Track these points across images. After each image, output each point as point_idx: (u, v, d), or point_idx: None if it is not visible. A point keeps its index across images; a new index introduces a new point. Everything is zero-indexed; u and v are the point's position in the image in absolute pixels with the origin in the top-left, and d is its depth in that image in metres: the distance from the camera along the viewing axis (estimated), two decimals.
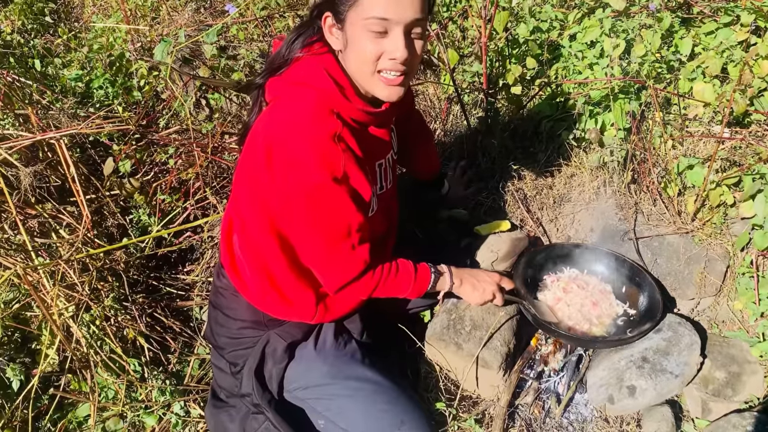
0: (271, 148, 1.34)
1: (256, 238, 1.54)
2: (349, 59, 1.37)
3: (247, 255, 1.60)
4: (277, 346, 1.66)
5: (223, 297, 1.73)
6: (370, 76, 1.36)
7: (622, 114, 2.23)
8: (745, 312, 1.93)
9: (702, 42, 2.39)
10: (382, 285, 1.57)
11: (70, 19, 4.02)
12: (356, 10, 1.28)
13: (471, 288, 1.73)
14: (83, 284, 1.98)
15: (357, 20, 1.29)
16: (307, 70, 1.39)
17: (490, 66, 2.49)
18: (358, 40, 1.31)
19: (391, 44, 1.30)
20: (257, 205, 1.48)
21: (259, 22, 2.98)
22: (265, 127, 1.38)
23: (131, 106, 2.67)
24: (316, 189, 1.34)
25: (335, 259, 1.47)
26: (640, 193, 2.15)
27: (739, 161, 2.08)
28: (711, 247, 1.99)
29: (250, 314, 1.69)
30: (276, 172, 1.35)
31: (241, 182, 1.53)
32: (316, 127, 1.32)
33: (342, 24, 1.33)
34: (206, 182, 2.31)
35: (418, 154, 2.05)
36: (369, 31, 1.28)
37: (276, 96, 1.41)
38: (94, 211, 2.24)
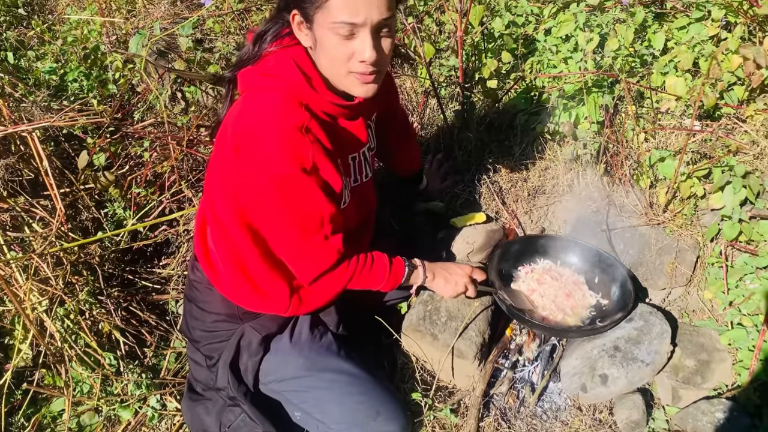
0: (239, 140, 1.35)
1: (229, 230, 1.54)
2: (320, 58, 1.37)
3: (219, 248, 1.59)
4: (252, 339, 1.66)
5: (197, 290, 1.73)
6: (344, 76, 1.36)
7: (595, 107, 2.26)
8: (714, 301, 1.97)
9: (674, 37, 2.43)
10: (357, 276, 1.58)
11: (44, 11, 3.96)
12: (322, 13, 1.27)
13: (443, 281, 1.75)
14: (57, 278, 1.97)
15: (324, 23, 1.27)
16: (276, 62, 1.39)
17: (466, 60, 2.51)
18: (326, 42, 1.30)
19: (359, 46, 1.29)
20: (228, 197, 1.47)
21: (235, 14, 2.96)
22: (234, 120, 1.38)
23: (106, 99, 2.64)
24: (285, 180, 1.34)
25: (308, 250, 1.48)
26: (612, 186, 2.18)
27: (709, 153, 2.12)
28: (682, 238, 2.03)
29: (224, 307, 1.69)
30: (244, 163, 1.35)
31: (213, 175, 1.53)
32: (284, 119, 1.32)
33: (310, 24, 1.31)
34: (181, 175, 2.30)
35: (401, 153, 2.06)
36: (336, 33, 1.27)
37: (246, 88, 1.41)
38: (69, 205, 2.22)
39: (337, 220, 1.47)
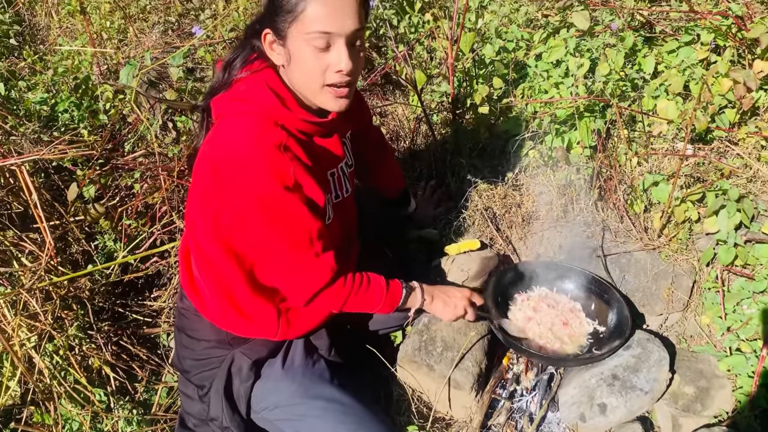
0: (218, 165, 1.35)
1: (212, 257, 1.52)
2: (293, 74, 1.39)
3: (204, 275, 1.58)
4: (243, 364, 1.63)
5: (186, 318, 1.71)
6: (319, 89, 1.38)
7: (587, 132, 2.26)
8: (712, 326, 1.95)
9: (664, 60, 2.44)
10: (353, 296, 1.56)
11: (35, 41, 3.96)
12: (297, 26, 1.30)
13: (442, 304, 1.73)
14: (46, 313, 1.94)
15: (298, 36, 1.30)
16: (247, 86, 1.40)
17: (457, 86, 2.51)
18: (301, 56, 1.33)
19: (335, 57, 1.33)
20: (209, 224, 1.47)
21: (226, 43, 2.97)
22: (211, 145, 1.38)
23: (97, 129, 2.63)
24: (269, 199, 1.35)
25: (300, 269, 1.47)
26: (607, 211, 2.17)
27: (702, 177, 2.11)
28: (677, 262, 2.01)
29: (213, 333, 1.66)
30: (225, 188, 1.35)
31: (193, 203, 1.53)
32: (261, 138, 1.33)
33: (283, 40, 1.34)
34: (172, 206, 2.28)
35: (380, 170, 2.05)
36: (312, 45, 1.30)
37: (220, 114, 1.42)
38: (58, 238, 2.20)
39: (326, 237, 1.47)
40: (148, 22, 3.47)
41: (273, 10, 1.33)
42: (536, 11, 2.70)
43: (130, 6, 3.51)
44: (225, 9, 3.22)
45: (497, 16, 2.61)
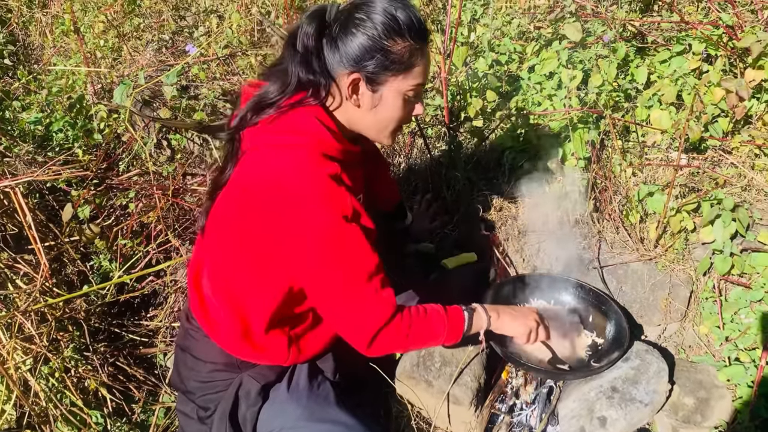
0: (271, 196, 1.32)
1: (235, 285, 1.50)
2: (372, 116, 1.42)
3: (221, 300, 1.55)
4: (251, 388, 1.62)
5: (193, 339, 1.68)
6: (389, 131, 1.46)
7: (581, 143, 2.26)
8: (710, 336, 1.95)
9: (657, 70, 2.45)
10: (415, 328, 1.46)
11: (29, 61, 3.97)
12: (401, 78, 1.36)
13: (510, 319, 1.63)
14: (41, 335, 1.93)
15: (398, 86, 1.36)
16: (296, 119, 1.38)
17: (451, 100, 2.52)
18: (393, 103, 1.39)
19: (418, 104, 1.45)
20: (243, 253, 1.44)
21: (221, 60, 2.98)
22: (260, 176, 1.35)
23: (92, 148, 2.63)
24: (330, 231, 1.31)
25: (360, 306, 1.38)
26: (602, 222, 2.17)
27: (697, 187, 2.12)
28: (674, 273, 2.01)
29: (221, 357, 1.64)
30: (280, 220, 1.32)
31: (220, 231, 1.49)
32: (316, 170, 1.31)
33: (376, 86, 1.36)
34: (168, 225, 2.27)
35: (379, 186, 2.05)
36: (408, 96, 1.39)
37: (262, 145, 1.39)
38: (53, 259, 2.19)
39: (383, 270, 1.40)
40: (141, 40, 3.48)
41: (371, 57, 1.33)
42: (528, 24, 2.72)
43: (124, 24, 3.52)
44: (219, 26, 3.23)
45: (490, 29, 2.63)
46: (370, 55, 1.33)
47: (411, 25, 1.32)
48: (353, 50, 1.33)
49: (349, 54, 1.34)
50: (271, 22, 2.97)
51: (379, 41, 1.31)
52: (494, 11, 2.92)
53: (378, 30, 1.31)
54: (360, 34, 1.32)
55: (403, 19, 1.32)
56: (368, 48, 1.32)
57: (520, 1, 2.98)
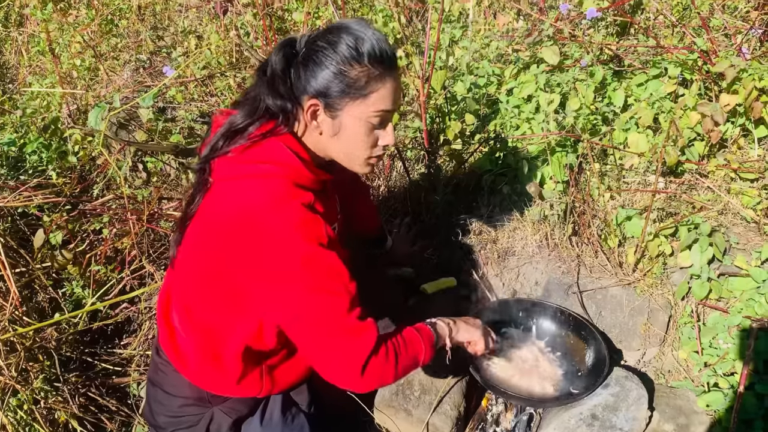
0: (241, 229, 1.29)
1: (205, 318, 1.47)
2: (336, 144, 1.39)
3: (190, 334, 1.51)
4: (222, 422, 1.58)
5: (163, 373, 1.64)
6: (360, 159, 1.42)
7: (560, 167, 2.27)
8: (689, 361, 1.95)
9: (633, 93, 2.47)
10: (401, 353, 1.42)
11: (4, 80, 3.92)
12: (359, 104, 1.33)
13: (465, 325, 1.64)
14: (10, 366, 1.87)
15: (358, 113, 1.34)
16: (266, 148, 1.36)
17: (430, 122, 2.51)
18: (354, 130, 1.36)
19: (386, 133, 1.40)
20: (212, 286, 1.41)
21: (199, 81, 2.95)
22: (229, 207, 1.32)
23: (66, 171, 2.58)
24: (308, 258, 1.27)
25: (347, 335, 1.32)
26: (581, 246, 2.17)
27: (674, 211, 2.12)
28: (653, 297, 2.01)
29: (192, 391, 1.60)
30: (255, 253, 1.29)
31: (190, 264, 1.46)
32: (291, 199, 1.29)
33: (335, 112, 1.34)
34: (142, 251, 2.23)
35: (359, 211, 2.03)
36: (370, 122, 1.35)
37: (231, 176, 1.36)
38: (24, 286, 2.14)
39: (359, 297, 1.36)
40: (119, 60, 3.45)
41: (329, 84, 1.32)
42: (506, 47, 2.73)
43: (101, 44, 3.49)
44: (197, 47, 3.21)
45: (468, 52, 2.64)
46: (328, 81, 1.33)
47: (371, 52, 1.31)
48: (314, 76, 1.33)
49: (309, 80, 1.34)
50: (250, 44, 2.95)
51: (337, 66, 1.31)
52: (473, 33, 2.94)
53: (337, 56, 1.31)
54: (320, 61, 1.32)
55: (363, 45, 1.31)
56: (327, 74, 1.32)
57: (498, 24, 3.00)
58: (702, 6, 2.53)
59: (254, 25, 3.07)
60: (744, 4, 2.79)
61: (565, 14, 2.77)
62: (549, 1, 3.10)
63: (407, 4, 3.23)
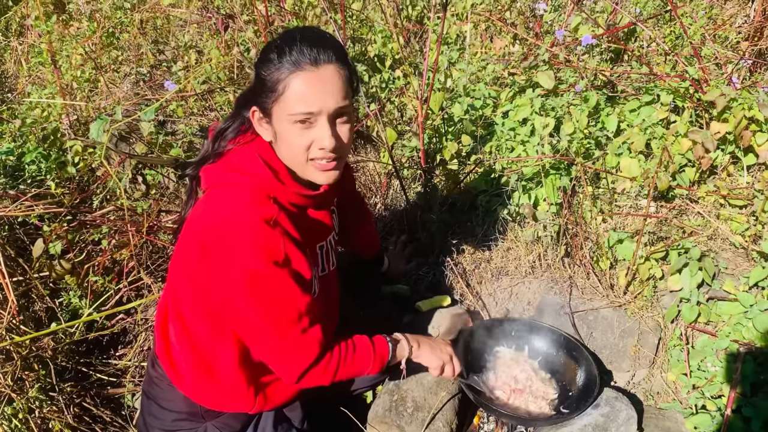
0: (208, 238, 1.32)
1: (196, 330, 1.49)
2: (281, 150, 1.40)
3: (184, 347, 1.54)
4: None
5: (158, 387, 1.66)
6: (304, 164, 1.38)
7: (553, 189, 2.31)
8: (678, 383, 1.98)
9: (626, 119, 2.53)
10: (343, 365, 1.50)
11: (3, 89, 3.93)
12: (280, 105, 1.31)
13: (429, 350, 1.68)
14: (6, 375, 1.88)
15: (282, 115, 1.32)
16: (241, 157, 1.40)
17: (427, 142, 2.56)
18: (286, 133, 1.34)
19: (318, 134, 1.33)
20: (196, 296, 1.44)
21: (199, 96, 2.99)
22: (201, 217, 1.36)
23: (65, 181, 2.60)
24: (258, 275, 1.31)
25: (289, 347, 1.41)
26: (573, 267, 2.21)
27: (665, 235, 2.17)
28: (643, 319, 2.05)
29: (186, 405, 1.62)
30: (214, 261, 1.33)
31: (178, 273, 1.49)
32: (251, 213, 1.31)
33: (269, 117, 1.35)
34: (140, 262, 2.25)
35: (360, 235, 2.06)
36: (294, 124, 1.31)
37: (212, 184, 1.40)
38: (21, 295, 2.15)
39: (314, 311, 1.42)
40: (119, 72, 3.48)
41: (258, 89, 1.34)
42: (502, 70, 2.78)
43: (102, 57, 3.52)
44: (197, 61, 3.25)
45: (465, 74, 2.69)
46: (255, 87, 1.36)
47: (281, 51, 1.29)
48: (252, 84, 1.39)
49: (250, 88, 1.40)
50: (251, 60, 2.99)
51: (257, 70, 1.34)
52: (470, 56, 2.99)
53: (259, 60, 1.35)
54: (254, 68, 1.37)
55: (278, 45, 1.31)
56: (254, 80, 1.36)
57: (494, 48, 3.06)
58: (694, 36, 2.59)
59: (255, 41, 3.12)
60: (735, 35, 2.87)
61: (561, 40, 2.83)
62: (545, 27, 3.17)
63: (406, 25, 3.29)
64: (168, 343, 1.61)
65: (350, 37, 3.06)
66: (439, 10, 3.16)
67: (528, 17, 3.26)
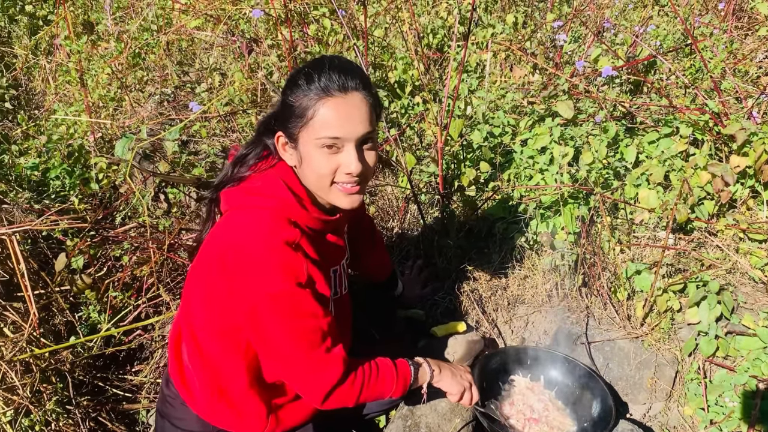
0: (230, 258, 1.34)
1: (210, 351, 1.50)
2: (305, 174, 1.42)
3: (197, 367, 1.55)
4: None
5: (171, 406, 1.67)
6: (328, 188, 1.41)
7: (571, 218, 2.32)
8: (695, 418, 1.96)
9: (645, 150, 2.53)
10: (367, 386, 1.50)
11: (30, 106, 4.02)
12: (308, 131, 1.35)
13: (450, 375, 1.68)
14: (25, 387, 1.90)
15: (309, 139, 1.35)
16: (264, 181, 1.42)
17: (445, 168, 2.58)
18: (312, 158, 1.37)
19: (345, 159, 1.36)
20: (212, 317, 1.45)
21: (221, 117, 3.03)
22: (223, 237, 1.38)
23: (88, 197, 2.64)
24: (282, 296, 1.33)
25: (314, 366, 1.41)
26: (591, 297, 2.21)
27: (683, 267, 2.16)
28: (660, 352, 2.03)
29: (198, 426, 1.63)
30: (236, 284, 1.34)
31: (194, 294, 1.51)
32: (274, 236, 1.33)
33: (295, 143, 1.39)
34: (160, 279, 2.27)
35: (371, 259, 2.07)
36: (322, 148, 1.34)
37: (232, 206, 1.43)
38: (42, 308, 2.18)
39: (335, 331, 1.44)
40: (144, 92, 3.54)
41: (284, 115, 1.38)
42: (522, 98, 2.81)
43: (127, 76, 3.59)
44: (221, 84, 3.30)
45: (485, 102, 2.71)
46: (282, 112, 1.40)
47: (310, 78, 1.33)
48: (276, 109, 1.43)
49: (274, 113, 1.45)
50: (274, 83, 3.04)
51: (285, 97, 1.38)
52: (489, 84, 3.02)
53: (286, 86, 1.39)
54: (280, 94, 1.41)
55: (307, 72, 1.34)
56: (281, 105, 1.40)
57: (514, 77, 3.09)
58: (714, 69, 2.61)
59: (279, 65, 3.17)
60: (755, 70, 2.88)
61: (581, 71, 2.86)
62: (565, 57, 3.20)
63: (426, 53, 3.34)
64: (181, 363, 1.63)
65: (371, 63, 3.10)
66: (460, 38, 3.20)
67: (548, 48, 3.29)
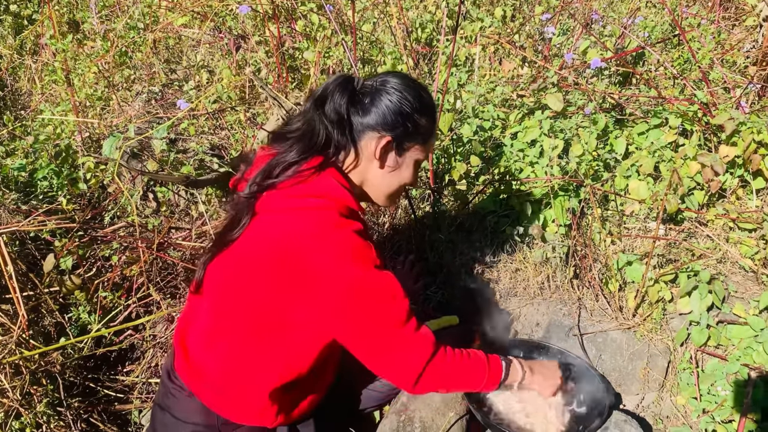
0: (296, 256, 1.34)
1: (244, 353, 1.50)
2: (387, 178, 1.56)
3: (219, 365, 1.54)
4: None
5: (174, 398, 1.65)
6: (394, 192, 1.60)
7: (562, 211, 2.32)
8: (687, 407, 1.96)
9: (635, 142, 2.54)
10: (459, 367, 1.50)
11: (16, 106, 3.98)
12: (419, 149, 1.56)
13: (542, 378, 1.68)
14: (15, 389, 1.88)
15: (416, 155, 1.57)
16: (318, 184, 1.43)
17: (436, 162, 2.57)
18: (409, 168, 1.57)
19: (416, 175, 1.63)
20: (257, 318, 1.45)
21: (210, 115, 3.02)
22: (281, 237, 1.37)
23: (76, 197, 2.62)
24: (364, 280, 1.35)
25: (404, 346, 1.42)
26: (582, 289, 2.21)
27: (674, 258, 2.17)
28: (652, 342, 2.04)
29: (203, 417, 1.61)
30: (308, 280, 1.34)
31: (227, 295, 1.49)
32: (344, 227, 1.37)
33: (402, 152, 1.54)
34: (150, 279, 2.26)
35: None
36: (416, 164, 1.58)
37: (284, 208, 1.41)
38: (31, 309, 2.16)
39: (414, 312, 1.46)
40: (132, 91, 3.51)
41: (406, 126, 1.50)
42: (511, 92, 2.81)
43: (114, 75, 3.56)
44: (209, 81, 3.28)
45: (474, 95, 2.71)
46: (402, 124, 1.49)
47: (433, 107, 1.57)
48: (388, 117, 1.48)
49: (383, 120, 1.48)
50: (262, 80, 3.03)
51: (412, 114, 1.50)
52: (479, 78, 3.02)
53: (413, 105, 1.50)
54: (395, 105, 1.48)
55: (429, 101, 1.56)
56: (402, 117, 1.49)
57: (503, 70, 3.08)
58: (702, 60, 2.61)
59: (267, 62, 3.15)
60: (743, 60, 2.89)
61: (570, 63, 2.86)
62: (553, 50, 3.20)
63: (415, 47, 3.33)
64: (187, 356, 1.61)
65: (360, 58, 3.09)
66: (449, 32, 3.19)
67: (537, 40, 3.29)
